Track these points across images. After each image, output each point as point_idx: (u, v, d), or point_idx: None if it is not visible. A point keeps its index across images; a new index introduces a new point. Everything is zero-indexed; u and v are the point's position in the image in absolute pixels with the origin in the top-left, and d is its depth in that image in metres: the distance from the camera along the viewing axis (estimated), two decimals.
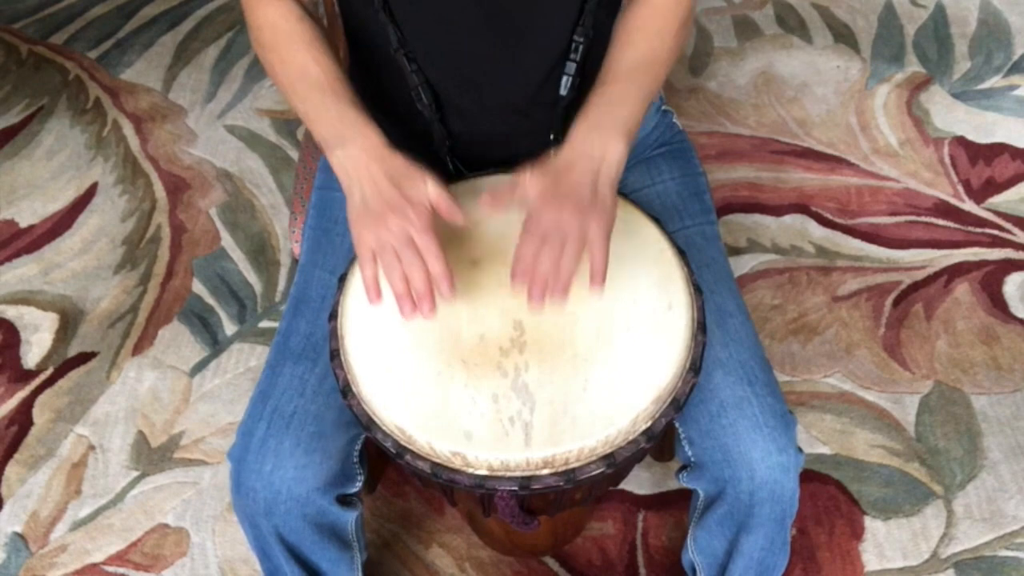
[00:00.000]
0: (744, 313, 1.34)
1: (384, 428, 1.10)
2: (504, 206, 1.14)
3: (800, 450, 1.26)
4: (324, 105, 1.24)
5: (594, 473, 1.06)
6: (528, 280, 1.07)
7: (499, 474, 1.06)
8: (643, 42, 1.26)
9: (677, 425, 1.28)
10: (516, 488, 1.06)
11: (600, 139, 1.16)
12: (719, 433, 1.23)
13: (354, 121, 1.21)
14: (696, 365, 1.12)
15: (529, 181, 1.12)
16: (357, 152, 1.18)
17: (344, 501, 1.32)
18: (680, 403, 1.10)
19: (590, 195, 1.11)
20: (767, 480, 1.23)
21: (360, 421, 1.12)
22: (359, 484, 1.33)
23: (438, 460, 1.07)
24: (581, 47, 1.30)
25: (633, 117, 1.20)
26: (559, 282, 1.07)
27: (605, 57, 1.26)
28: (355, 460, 1.31)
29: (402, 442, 1.09)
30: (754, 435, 1.22)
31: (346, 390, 1.14)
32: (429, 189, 1.14)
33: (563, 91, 1.32)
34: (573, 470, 1.06)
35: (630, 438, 1.07)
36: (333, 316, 1.19)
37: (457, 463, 1.06)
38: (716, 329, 1.27)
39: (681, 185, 1.45)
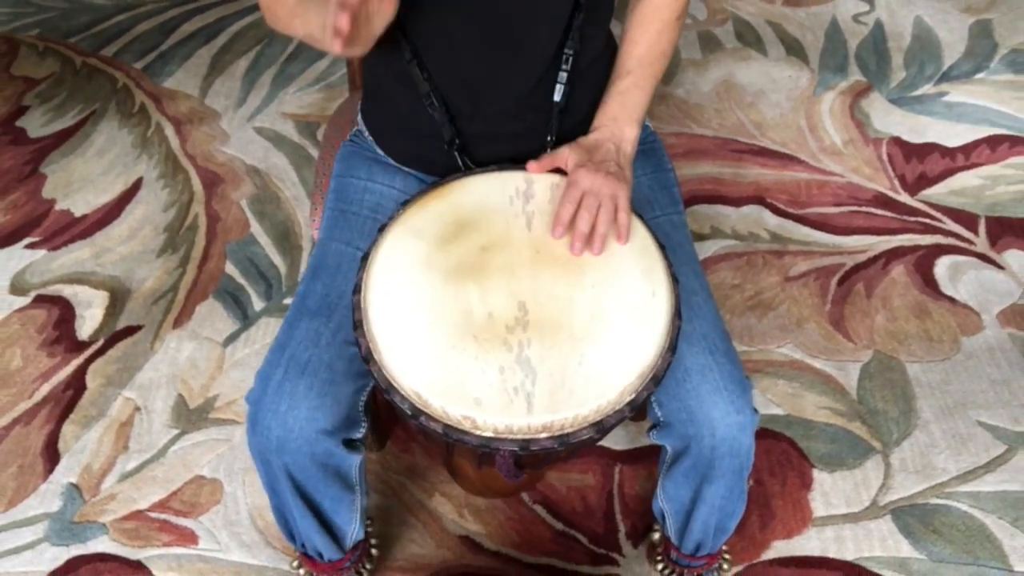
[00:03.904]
0: (707, 291, 1.33)
1: (402, 392, 1.10)
2: (543, 170, 1.27)
3: (756, 411, 1.27)
4: (317, 7, 1.15)
5: (584, 437, 1.07)
6: (568, 233, 1.20)
7: (503, 436, 1.06)
8: (645, 42, 1.33)
9: None
10: (517, 449, 1.07)
11: (617, 127, 1.29)
12: (684, 396, 1.23)
13: None
14: (673, 345, 1.13)
15: (567, 153, 1.26)
16: None
17: (349, 445, 1.30)
18: (659, 378, 1.11)
19: (616, 169, 1.24)
20: (726, 437, 1.24)
21: (380, 385, 1.12)
22: (363, 430, 1.31)
23: (450, 422, 1.07)
24: (571, 59, 1.30)
25: (641, 105, 1.33)
26: (597, 237, 1.18)
27: (617, 56, 1.36)
28: (360, 408, 1.29)
29: (418, 405, 1.09)
30: (715, 398, 1.22)
31: (368, 357, 1.13)
32: None
33: (557, 97, 1.32)
34: (567, 434, 1.06)
35: (617, 408, 1.08)
36: (356, 291, 1.18)
37: (466, 425, 1.06)
38: (682, 305, 1.25)
39: (653, 180, 1.44)
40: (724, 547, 1.56)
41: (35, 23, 3.26)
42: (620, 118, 1.30)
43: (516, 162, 1.31)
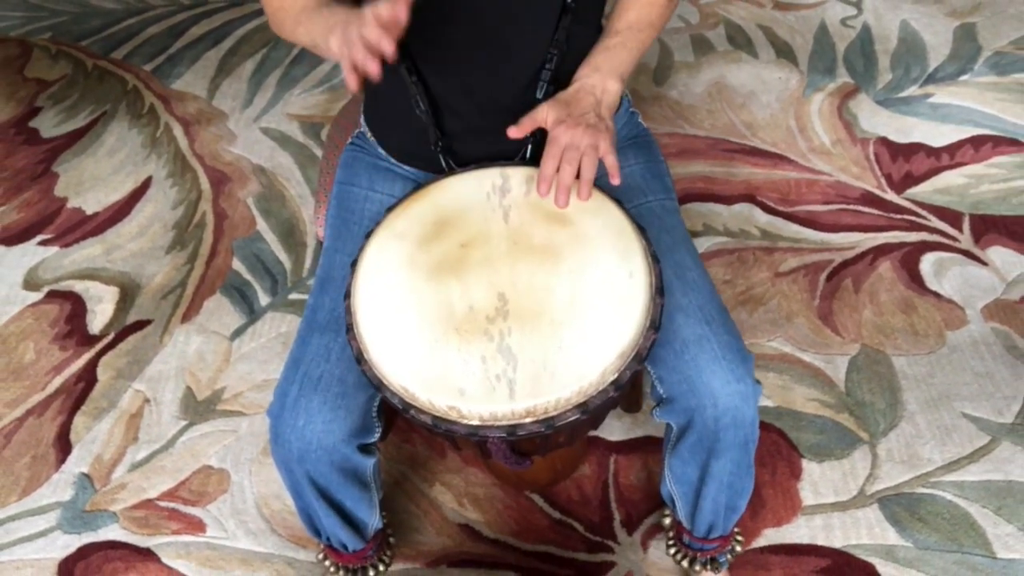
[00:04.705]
0: (700, 267, 1.32)
1: (392, 388, 1.10)
2: (524, 133, 1.24)
3: (758, 382, 1.24)
4: (320, 16, 1.23)
5: (571, 419, 1.06)
6: (552, 187, 1.18)
7: (489, 423, 1.06)
8: (635, 9, 1.32)
9: (648, 367, 1.26)
10: (504, 435, 1.06)
11: (600, 78, 1.26)
12: (683, 368, 1.22)
13: (344, 12, 1.18)
14: (656, 323, 1.11)
15: (545, 112, 1.22)
16: (339, 23, 1.14)
17: (364, 449, 1.31)
18: (642, 357, 1.10)
19: (596, 119, 1.21)
20: (729, 406, 1.22)
21: (372, 383, 1.12)
22: (377, 435, 1.32)
23: (437, 414, 1.07)
24: (555, 58, 1.29)
25: (626, 64, 1.29)
26: (584, 183, 1.18)
27: (608, 20, 1.34)
28: (374, 415, 1.30)
29: (407, 399, 1.09)
30: (714, 367, 1.21)
31: (359, 358, 1.13)
32: (379, 6, 1.10)
33: (539, 95, 1.31)
34: (552, 418, 1.06)
35: (600, 388, 1.07)
36: (347, 296, 1.19)
37: (453, 415, 1.06)
38: (676, 280, 1.25)
39: (645, 168, 1.43)
40: (736, 528, 1.54)
41: (48, 27, 3.26)
42: (603, 69, 1.27)
43: (501, 159, 1.31)
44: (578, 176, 1.19)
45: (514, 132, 1.23)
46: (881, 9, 3.08)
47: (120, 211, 2.46)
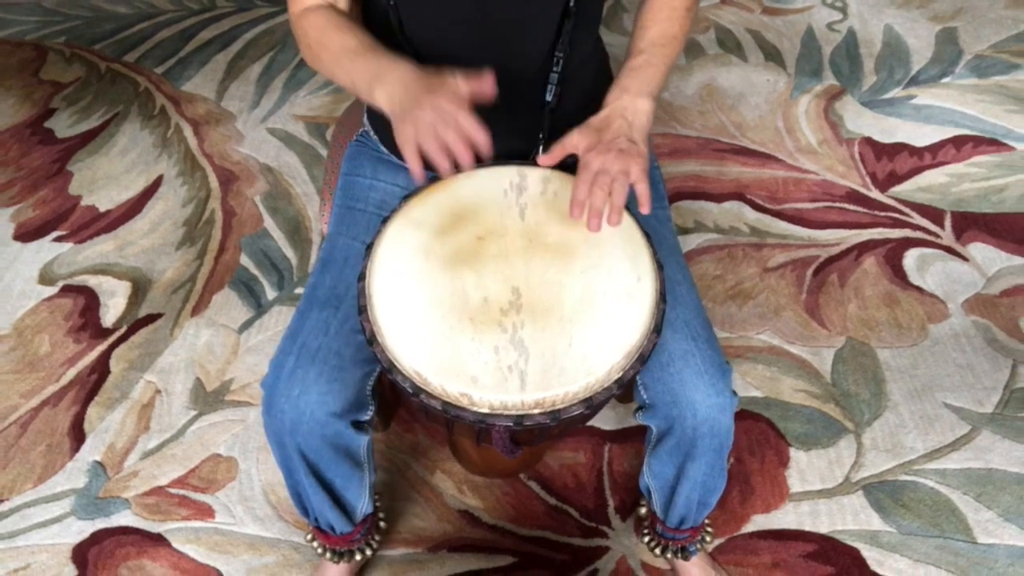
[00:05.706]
0: (689, 282, 1.32)
1: (404, 372, 1.09)
2: (555, 160, 1.21)
3: (735, 393, 1.26)
4: (364, 60, 1.21)
5: (575, 413, 1.06)
6: (584, 211, 1.14)
7: (498, 412, 1.06)
8: (656, 25, 1.30)
9: None
10: (511, 424, 1.06)
11: (630, 99, 1.22)
12: (668, 380, 1.23)
13: (389, 60, 1.19)
14: (658, 327, 1.12)
15: (576, 139, 1.19)
16: (393, 79, 1.16)
17: (358, 426, 1.29)
18: (645, 358, 1.10)
19: (627, 143, 1.17)
20: (707, 418, 1.23)
21: (383, 365, 1.11)
22: (370, 413, 1.31)
23: (448, 399, 1.06)
24: (561, 61, 1.29)
25: (654, 82, 1.25)
26: (615, 208, 1.14)
27: (629, 40, 1.31)
28: (368, 392, 1.29)
29: (419, 384, 1.08)
30: (696, 381, 1.22)
31: (372, 340, 1.12)
32: (458, 80, 1.12)
33: (548, 97, 1.31)
34: (558, 410, 1.06)
35: (605, 385, 1.07)
36: (361, 278, 1.17)
37: (464, 402, 1.06)
38: (667, 294, 1.25)
39: None
40: (706, 521, 1.56)
41: (62, 31, 3.24)
42: (632, 90, 1.23)
43: (510, 159, 1.30)
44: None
45: (544, 160, 1.22)
46: (866, 14, 3.07)
47: (132, 208, 2.45)
